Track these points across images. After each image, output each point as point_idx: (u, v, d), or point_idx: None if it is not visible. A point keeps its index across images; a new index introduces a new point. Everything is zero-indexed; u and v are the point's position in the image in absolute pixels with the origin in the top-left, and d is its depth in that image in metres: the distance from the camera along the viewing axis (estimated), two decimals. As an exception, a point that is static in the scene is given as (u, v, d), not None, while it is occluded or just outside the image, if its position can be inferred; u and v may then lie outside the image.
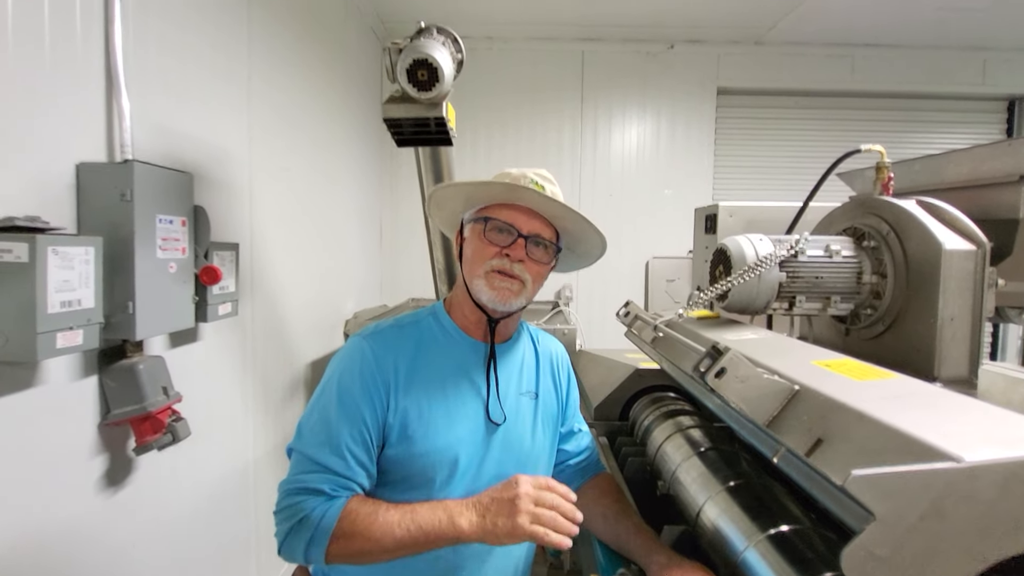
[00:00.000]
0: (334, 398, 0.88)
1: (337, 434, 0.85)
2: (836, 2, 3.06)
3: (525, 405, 1.01)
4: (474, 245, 0.96)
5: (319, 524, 0.79)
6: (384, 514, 0.80)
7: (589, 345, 3.75)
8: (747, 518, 0.83)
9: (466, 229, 1.00)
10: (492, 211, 0.95)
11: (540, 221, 0.96)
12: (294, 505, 0.82)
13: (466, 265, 0.97)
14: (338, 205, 2.86)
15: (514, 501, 0.77)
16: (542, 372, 1.08)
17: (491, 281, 0.92)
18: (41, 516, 1.10)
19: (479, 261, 0.94)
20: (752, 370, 0.67)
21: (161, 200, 1.28)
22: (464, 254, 0.99)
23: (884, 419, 0.50)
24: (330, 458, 0.84)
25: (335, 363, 0.93)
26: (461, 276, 1.00)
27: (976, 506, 0.41)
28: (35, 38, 1.07)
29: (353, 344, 0.94)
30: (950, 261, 0.93)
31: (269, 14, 2.01)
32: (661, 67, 3.76)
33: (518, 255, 0.93)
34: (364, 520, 0.79)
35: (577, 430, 1.17)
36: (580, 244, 1.04)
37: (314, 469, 0.84)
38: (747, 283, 1.01)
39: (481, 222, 0.95)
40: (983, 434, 0.46)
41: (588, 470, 1.15)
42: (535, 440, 1.01)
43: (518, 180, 0.94)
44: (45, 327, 0.98)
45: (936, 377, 0.93)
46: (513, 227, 0.93)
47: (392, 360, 0.91)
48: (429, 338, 0.97)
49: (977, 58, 3.72)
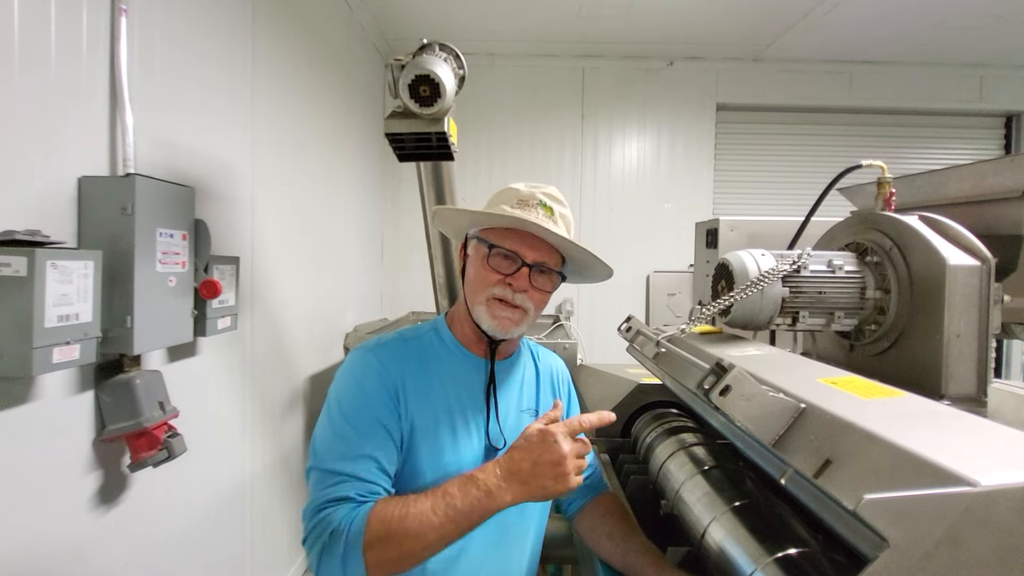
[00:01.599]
0: (348, 410, 0.85)
1: (357, 444, 0.81)
2: (834, 19, 3.10)
3: (525, 423, 0.99)
4: (476, 269, 0.93)
5: (349, 532, 0.73)
6: (415, 506, 0.74)
7: (590, 359, 3.73)
8: (753, 540, 0.81)
9: (470, 245, 0.98)
10: (497, 236, 0.92)
11: (546, 248, 0.93)
12: (321, 522, 0.76)
13: (468, 287, 0.95)
14: (339, 219, 2.87)
15: (560, 464, 0.75)
16: (542, 389, 1.06)
17: (492, 310, 0.90)
18: (34, 533, 1.08)
19: (481, 287, 0.91)
20: (757, 388, 0.66)
21: (162, 214, 1.28)
22: (467, 274, 0.97)
23: (895, 440, 0.49)
24: (352, 466, 0.80)
25: (342, 377, 0.90)
26: (463, 294, 0.98)
27: (994, 532, 0.40)
28: (42, 54, 1.08)
29: (359, 356, 0.91)
30: (955, 277, 0.92)
31: (273, 31, 2.03)
32: (661, 83, 3.80)
33: (521, 285, 0.90)
34: (396, 518, 0.73)
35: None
36: (586, 270, 1.03)
37: (337, 480, 0.79)
38: (750, 298, 1.00)
39: (484, 245, 0.92)
40: (999, 456, 0.45)
41: (591, 489, 1.13)
42: None
43: (527, 201, 0.92)
44: (41, 342, 0.97)
45: (943, 395, 0.91)
46: (518, 255, 0.90)
47: (398, 370, 0.89)
48: (431, 353, 0.95)
49: (974, 75, 3.75)
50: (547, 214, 0.91)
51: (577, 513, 1.11)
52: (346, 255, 3.00)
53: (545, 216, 0.91)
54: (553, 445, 0.76)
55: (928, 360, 0.95)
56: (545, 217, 0.91)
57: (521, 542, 0.97)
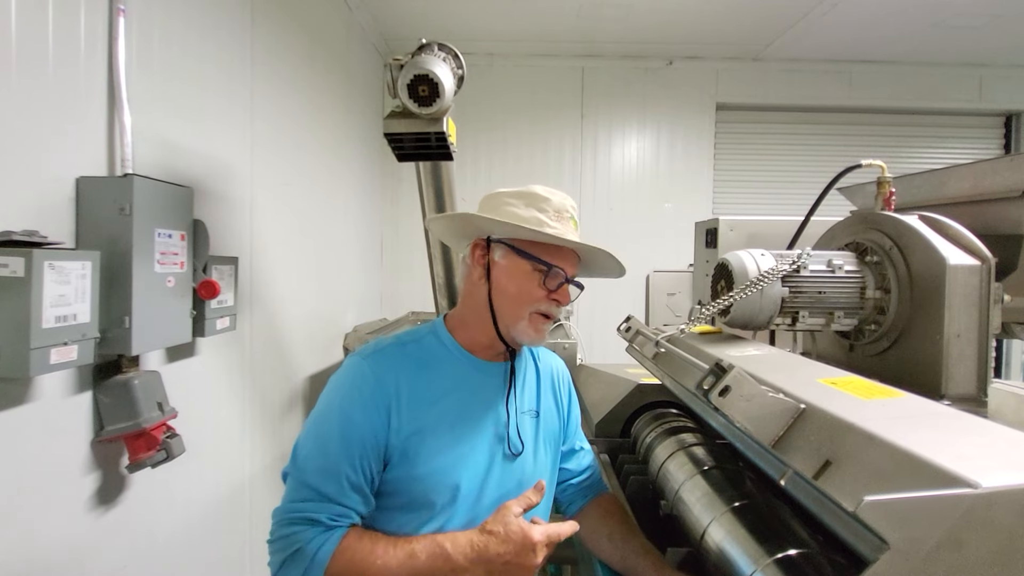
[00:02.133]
0: (334, 423, 0.84)
1: (336, 462, 0.82)
2: (833, 19, 3.10)
3: (527, 424, 0.99)
4: (520, 284, 0.91)
5: (314, 558, 0.76)
6: (382, 558, 0.77)
7: (590, 359, 3.72)
8: (753, 541, 0.81)
9: (497, 251, 0.93)
10: (546, 253, 0.90)
11: (573, 258, 0.95)
12: (290, 536, 0.78)
13: (503, 298, 0.91)
14: (339, 219, 2.86)
15: (530, 571, 0.78)
16: (543, 389, 1.06)
17: (535, 324, 0.91)
18: (32, 534, 1.07)
19: (526, 303, 0.90)
20: (757, 388, 0.65)
21: (160, 214, 1.28)
22: (499, 284, 0.92)
23: (895, 441, 0.48)
24: (328, 486, 0.81)
25: (334, 385, 0.90)
26: (487, 300, 0.93)
27: (995, 534, 0.40)
28: (40, 54, 1.08)
29: (353, 365, 0.90)
30: (955, 276, 0.92)
31: (272, 31, 2.03)
32: (660, 83, 3.79)
33: (566, 300, 0.92)
34: (361, 562, 0.76)
35: (579, 448, 1.15)
36: (600, 270, 1.04)
37: (311, 497, 0.81)
38: (749, 298, 1.00)
39: (532, 261, 0.90)
40: (1000, 458, 0.45)
41: (591, 490, 1.13)
42: (537, 460, 0.98)
43: (561, 213, 0.92)
44: (39, 342, 0.97)
45: (943, 395, 0.91)
46: (563, 272, 0.91)
47: (394, 379, 0.87)
48: (431, 357, 0.94)
49: (974, 74, 3.75)
50: (574, 225, 0.94)
51: (577, 514, 1.11)
52: (345, 255, 3.00)
53: (573, 227, 0.93)
54: (530, 554, 0.78)
55: (928, 360, 0.95)
56: (574, 228, 0.93)
57: None
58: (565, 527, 0.83)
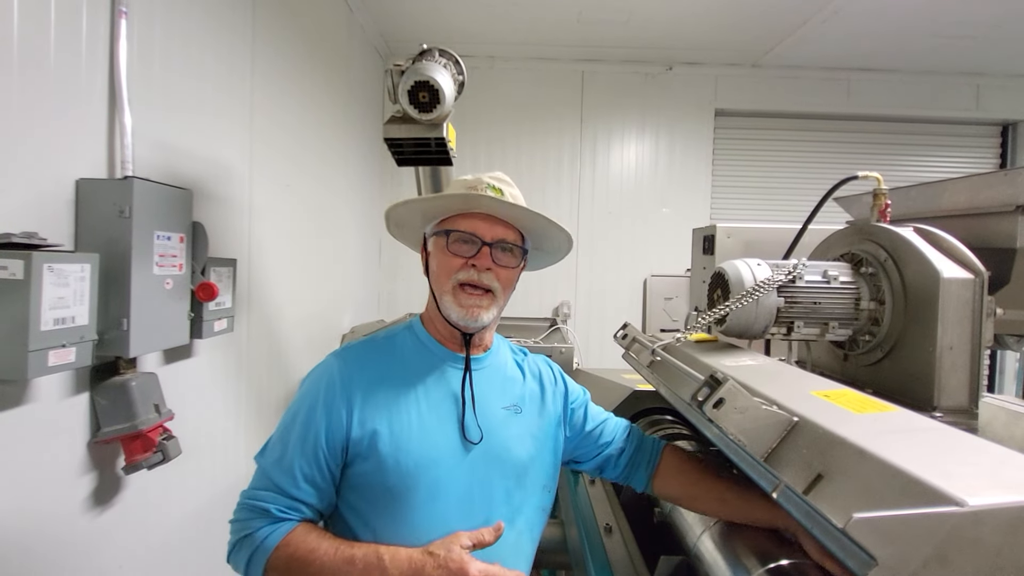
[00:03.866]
0: (298, 417, 0.88)
1: (292, 455, 0.86)
2: (832, 27, 3.12)
3: (508, 419, 0.98)
4: (438, 259, 0.96)
5: (259, 546, 0.81)
6: (321, 558, 0.79)
7: (586, 362, 3.73)
8: (746, 550, 0.82)
9: (429, 243, 1.00)
10: (452, 222, 0.95)
11: (502, 226, 0.95)
12: (244, 520, 0.84)
13: (433, 280, 0.97)
14: (337, 221, 2.87)
15: None
16: (528, 389, 1.05)
17: (459, 299, 0.92)
18: (28, 534, 1.07)
19: (445, 275, 0.94)
20: (750, 401, 0.66)
21: (160, 216, 1.28)
22: (430, 269, 0.99)
23: (886, 457, 0.49)
24: (281, 477, 0.85)
25: (307, 381, 0.94)
26: (431, 291, 0.99)
27: (982, 552, 0.40)
28: (41, 55, 1.08)
29: (324, 362, 0.95)
30: (948, 289, 0.93)
31: (273, 33, 2.03)
32: (660, 88, 3.81)
33: (484, 264, 0.92)
34: (300, 559, 0.79)
35: (603, 419, 1.11)
36: (546, 241, 1.04)
37: (266, 486, 0.85)
38: (745, 308, 1.01)
39: (443, 235, 0.95)
40: (987, 476, 0.45)
41: (645, 452, 1.07)
42: (522, 454, 0.96)
43: (474, 187, 0.95)
44: (37, 345, 0.97)
45: (936, 406, 0.92)
46: (476, 235, 0.93)
47: (358, 375, 0.91)
48: (403, 351, 0.97)
49: (971, 83, 3.78)
50: (497, 195, 0.93)
51: (652, 483, 1.04)
52: (344, 257, 3.00)
53: (495, 196, 0.93)
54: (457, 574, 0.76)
55: (921, 371, 0.95)
56: (495, 196, 0.93)
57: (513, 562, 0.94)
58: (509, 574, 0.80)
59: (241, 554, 0.82)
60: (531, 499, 0.97)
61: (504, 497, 0.92)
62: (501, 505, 0.91)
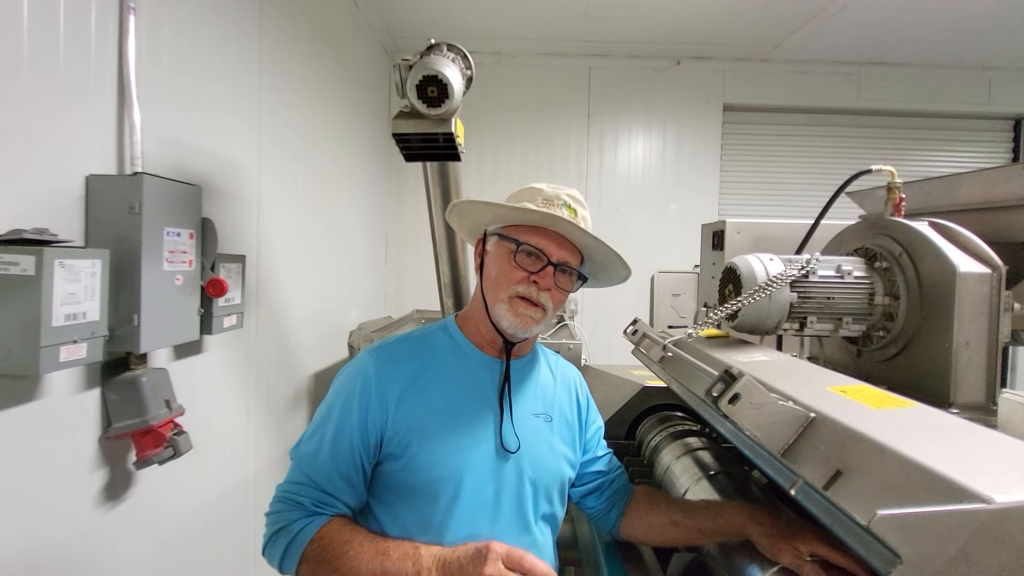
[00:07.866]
0: (333, 413, 0.89)
1: (327, 450, 0.86)
2: (842, 21, 3.08)
3: (540, 427, 0.98)
4: (500, 265, 0.93)
5: (294, 538, 0.81)
6: (356, 548, 0.79)
7: (594, 359, 3.72)
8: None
9: (489, 242, 0.96)
10: (523, 233, 0.92)
11: (569, 248, 0.93)
12: (280, 513, 0.85)
13: (488, 284, 0.94)
14: (345, 217, 2.87)
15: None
16: (559, 396, 1.05)
17: (514, 308, 0.90)
18: (40, 530, 1.08)
19: (504, 284, 0.91)
20: (766, 396, 0.65)
21: (169, 213, 1.28)
22: (486, 270, 0.96)
23: (907, 453, 0.48)
24: (316, 472, 0.86)
25: (341, 376, 0.93)
26: (480, 291, 0.97)
27: (1008, 550, 0.39)
28: (50, 52, 1.08)
29: (359, 359, 0.94)
30: (965, 284, 0.92)
31: (280, 29, 2.03)
32: (667, 83, 3.78)
33: (547, 284, 0.91)
34: (335, 550, 0.79)
35: (603, 453, 1.13)
36: (604, 271, 1.03)
37: (301, 480, 0.86)
38: (757, 303, 1.00)
39: (509, 242, 0.92)
40: (1014, 472, 0.44)
41: (624, 491, 1.10)
42: (551, 464, 0.97)
43: (551, 201, 0.92)
44: (49, 341, 0.97)
45: (952, 403, 0.91)
46: (544, 254, 0.90)
47: (395, 374, 0.90)
48: (438, 353, 0.96)
49: (983, 77, 3.72)
50: (571, 215, 0.92)
51: (620, 522, 1.06)
52: (351, 253, 3.01)
53: (569, 217, 0.91)
54: (481, 559, 0.76)
55: (937, 367, 0.94)
56: (569, 218, 0.91)
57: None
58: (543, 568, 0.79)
59: (277, 545, 0.83)
60: (556, 509, 0.99)
61: (532, 505, 0.93)
62: (528, 513, 0.92)
